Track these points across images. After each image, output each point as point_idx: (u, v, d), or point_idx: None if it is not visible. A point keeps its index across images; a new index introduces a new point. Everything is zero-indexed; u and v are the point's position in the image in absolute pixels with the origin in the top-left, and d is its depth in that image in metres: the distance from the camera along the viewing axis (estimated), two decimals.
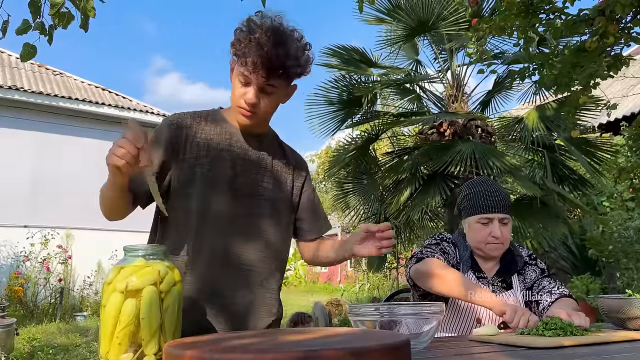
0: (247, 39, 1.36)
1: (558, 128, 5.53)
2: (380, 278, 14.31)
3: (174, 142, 1.45)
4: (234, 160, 1.48)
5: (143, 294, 1.02)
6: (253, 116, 1.45)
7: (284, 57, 1.36)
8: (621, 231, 6.05)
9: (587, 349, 1.24)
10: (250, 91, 1.40)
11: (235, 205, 1.46)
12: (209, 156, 1.46)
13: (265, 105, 1.45)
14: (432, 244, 1.95)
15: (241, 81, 1.41)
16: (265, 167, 1.54)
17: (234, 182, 1.47)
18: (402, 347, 0.90)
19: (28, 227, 9.45)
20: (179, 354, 0.83)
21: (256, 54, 1.34)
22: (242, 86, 1.41)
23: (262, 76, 1.37)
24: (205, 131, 1.49)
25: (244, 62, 1.36)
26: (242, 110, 1.44)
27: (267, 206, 1.51)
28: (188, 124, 1.49)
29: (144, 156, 1.19)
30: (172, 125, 1.47)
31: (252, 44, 1.34)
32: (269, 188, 1.53)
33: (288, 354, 0.77)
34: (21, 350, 5.61)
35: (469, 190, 1.96)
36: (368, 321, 1.27)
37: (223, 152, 1.48)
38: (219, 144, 1.48)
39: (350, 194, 6.30)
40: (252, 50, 1.34)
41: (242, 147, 1.51)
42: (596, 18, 3.09)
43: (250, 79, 1.39)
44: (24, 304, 8.69)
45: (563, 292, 1.85)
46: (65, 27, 2.73)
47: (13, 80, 10.30)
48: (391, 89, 6.12)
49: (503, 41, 5.70)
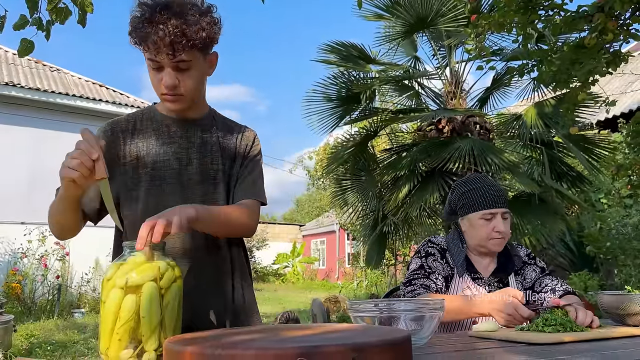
0: (141, 22, 1.30)
1: (556, 125, 5.53)
2: (378, 275, 14.33)
3: (112, 150, 1.42)
4: (177, 152, 1.45)
5: (143, 290, 1.01)
6: (180, 99, 1.39)
7: (183, 26, 1.29)
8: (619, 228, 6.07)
9: (587, 344, 1.24)
10: (166, 73, 1.34)
11: (188, 196, 1.42)
12: (150, 154, 1.44)
13: (188, 84, 1.37)
14: (415, 270, 1.88)
15: (153, 67, 1.35)
16: (211, 149, 1.49)
17: (183, 174, 1.44)
18: (403, 343, 0.89)
19: (25, 223, 9.43)
20: (180, 350, 0.83)
21: (154, 33, 1.27)
22: (156, 72, 1.36)
23: (169, 53, 1.30)
24: (142, 131, 1.46)
25: (147, 47, 1.30)
26: (166, 97, 1.38)
27: (221, 188, 1.48)
28: (123, 127, 1.46)
29: (100, 167, 1.15)
30: (107, 132, 1.45)
31: (147, 25, 1.28)
32: (220, 169, 1.48)
33: (289, 350, 0.77)
34: (19, 347, 5.60)
35: (466, 188, 1.93)
36: (367, 317, 1.27)
37: (164, 147, 1.45)
38: (159, 139, 1.46)
39: (348, 191, 6.29)
40: (149, 31, 1.28)
41: (182, 135, 1.47)
42: (595, 14, 3.08)
43: (159, 61, 1.33)
44: (21, 300, 8.68)
45: (567, 289, 1.85)
46: (63, 23, 2.71)
47: (10, 76, 10.26)
48: (390, 85, 6.10)
49: (502, 38, 5.71)
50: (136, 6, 1.33)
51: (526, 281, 1.94)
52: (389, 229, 6.16)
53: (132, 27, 1.32)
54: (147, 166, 1.43)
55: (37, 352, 5.52)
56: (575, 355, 1.08)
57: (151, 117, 1.50)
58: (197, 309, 1.39)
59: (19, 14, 2.68)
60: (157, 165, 1.43)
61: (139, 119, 1.49)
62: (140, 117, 1.50)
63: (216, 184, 1.47)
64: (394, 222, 6.04)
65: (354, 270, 17.91)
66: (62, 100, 10.38)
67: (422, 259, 1.92)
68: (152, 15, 1.29)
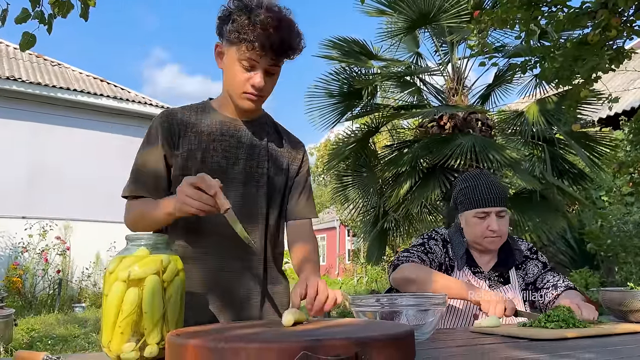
0: (248, 21, 1.34)
1: (558, 122, 5.52)
2: (378, 271, 14.36)
3: (168, 139, 1.45)
4: (227, 149, 1.47)
5: (146, 283, 1.01)
6: (260, 100, 1.45)
7: (291, 35, 1.37)
8: (620, 225, 6.07)
9: (589, 340, 1.23)
10: (258, 75, 1.39)
11: (229, 195, 1.43)
12: (200, 149, 1.45)
13: (269, 88, 1.45)
14: (415, 244, 1.95)
15: (245, 66, 1.39)
16: (259, 153, 1.51)
17: (229, 172, 1.46)
18: (406, 338, 0.89)
19: (26, 218, 9.45)
20: (182, 343, 0.82)
21: (264, 37, 1.33)
22: (246, 71, 1.39)
23: (272, 58, 1.37)
24: (196, 124, 1.48)
25: (251, 47, 1.34)
26: (249, 96, 1.42)
27: (262, 192, 1.50)
28: (179, 119, 1.48)
29: (222, 201, 1.20)
30: (164, 123, 1.47)
31: (256, 26, 1.33)
32: (265, 174, 1.51)
33: (293, 344, 0.76)
34: (20, 341, 5.61)
35: (464, 184, 1.93)
36: (369, 312, 1.27)
37: (215, 143, 1.47)
38: (210, 135, 1.47)
39: (349, 187, 6.29)
40: (258, 33, 1.33)
41: (234, 135, 1.50)
42: (599, 11, 3.07)
43: (256, 62, 1.38)
44: (22, 295, 8.70)
45: (568, 284, 1.84)
46: (65, 16, 2.71)
47: (11, 70, 10.25)
48: (391, 81, 6.09)
49: (504, 34, 5.68)
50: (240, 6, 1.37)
51: (528, 276, 1.94)
52: (390, 226, 6.16)
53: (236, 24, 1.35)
54: (196, 160, 1.44)
55: (38, 346, 5.53)
56: (578, 351, 1.08)
57: (206, 113, 1.51)
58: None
59: (20, 8, 2.67)
60: (205, 160, 1.45)
61: (194, 112, 1.51)
62: (195, 110, 1.52)
63: (259, 187, 1.49)
64: (394, 219, 6.04)
65: (354, 267, 17.93)
66: (63, 94, 10.38)
67: (424, 239, 1.97)
68: (260, 17, 1.33)
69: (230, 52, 1.40)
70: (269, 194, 1.51)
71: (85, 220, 10.07)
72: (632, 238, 5.88)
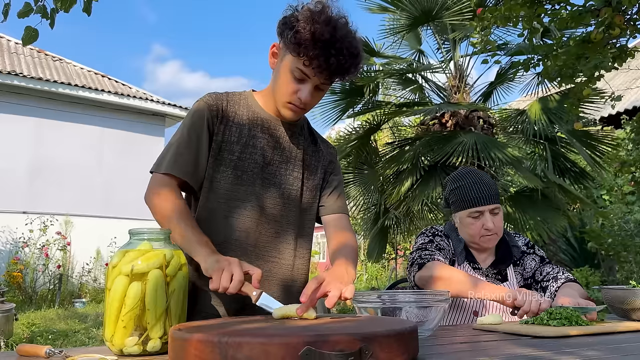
0: (311, 37, 1.28)
1: (560, 120, 5.51)
2: (378, 269, 14.35)
3: (210, 123, 1.41)
4: (264, 148, 1.45)
5: (149, 277, 1.01)
6: (301, 112, 1.43)
7: (350, 61, 1.32)
8: (621, 224, 6.06)
9: (592, 338, 1.23)
10: (307, 89, 1.36)
11: (262, 195, 1.42)
12: (240, 143, 1.42)
13: (314, 102, 1.42)
14: (426, 242, 1.90)
15: (296, 76, 1.35)
16: (295, 156, 1.49)
17: (263, 171, 1.44)
18: (410, 334, 0.89)
19: (27, 213, 9.45)
20: (186, 337, 0.82)
21: (323, 57, 1.29)
22: (295, 82, 1.36)
23: (326, 77, 1.34)
24: (238, 116, 1.45)
25: (308, 62, 1.30)
26: (292, 107, 1.39)
27: (295, 196, 1.48)
28: (224, 106, 1.44)
29: (249, 288, 1.16)
30: (212, 106, 1.42)
31: (317, 45, 1.28)
32: (299, 178, 1.49)
33: (298, 338, 0.76)
34: (20, 336, 5.62)
35: (456, 185, 1.91)
36: (371, 308, 1.26)
37: (254, 140, 1.44)
38: (251, 130, 1.44)
39: (350, 184, 6.29)
40: (319, 50, 1.28)
41: (273, 135, 1.47)
42: (602, 9, 3.06)
43: (309, 77, 1.34)
44: (22, 289, 8.71)
45: (568, 276, 1.83)
46: (67, 11, 2.70)
47: (12, 65, 10.24)
48: (393, 78, 6.08)
49: (507, 32, 5.68)
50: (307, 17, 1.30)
51: (526, 271, 1.93)
52: (391, 223, 6.16)
53: (299, 38, 1.29)
54: (234, 153, 1.42)
55: (39, 341, 5.54)
56: (580, 349, 1.08)
57: (248, 106, 1.48)
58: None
59: (23, 2, 2.66)
60: (243, 155, 1.42)
61: (237, 103, 1.47)
62: (238, 101, 1.48)
63: (291, 190, 1.48)
64: (395, 216, 6.04)
65: None
66: (64, 90, 10.36)
67: (429, 236, 1.93)
68: (323, 32, 1.28)
69: (286, 59, 1.35)
70: (300, 199, 1.50)
71: (86, 215, 10.07)
72: (633, 237, 5.88)
